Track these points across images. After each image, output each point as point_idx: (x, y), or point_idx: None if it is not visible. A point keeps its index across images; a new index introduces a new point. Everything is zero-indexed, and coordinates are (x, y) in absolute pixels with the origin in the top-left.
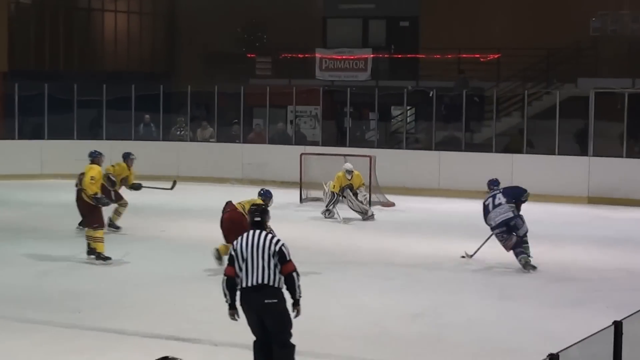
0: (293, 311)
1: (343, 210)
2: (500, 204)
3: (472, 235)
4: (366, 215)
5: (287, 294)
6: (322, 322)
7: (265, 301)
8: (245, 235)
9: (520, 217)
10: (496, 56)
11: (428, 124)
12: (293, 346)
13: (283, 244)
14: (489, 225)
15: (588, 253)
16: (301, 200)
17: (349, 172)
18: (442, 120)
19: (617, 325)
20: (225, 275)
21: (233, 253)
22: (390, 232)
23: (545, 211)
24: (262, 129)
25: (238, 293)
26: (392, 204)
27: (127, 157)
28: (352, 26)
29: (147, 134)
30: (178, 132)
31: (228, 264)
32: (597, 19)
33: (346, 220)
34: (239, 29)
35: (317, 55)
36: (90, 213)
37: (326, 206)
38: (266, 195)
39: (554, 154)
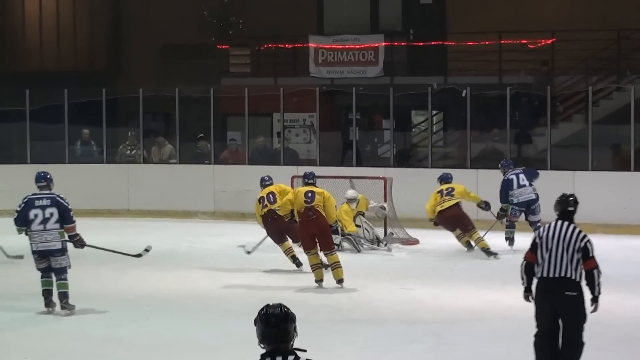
0: (591, 306)
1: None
2: (524, 185)
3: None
4: (378, 245)
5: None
6: None
7: (566, 293)
8: (552, 225)
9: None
10: (549, 41)
11: (460, 134)
12: (583, 343)
13: (588, 240)
14: (508, 201)
15: None
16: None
17: (351, 200)
18: (478, 129)
19: None
20: (525, 260)
21: (538, 241)
22: (413, 279)
23: (621, 246)
24: (239, 145)
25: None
26: (416, 241)
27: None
28: (357, 5)
29: (86, 154)
30: (127, 152)
31: (530, 250)
32: None
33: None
34: (206, 12)
35: (311, 45)
36: None
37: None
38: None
39: (629, 169)
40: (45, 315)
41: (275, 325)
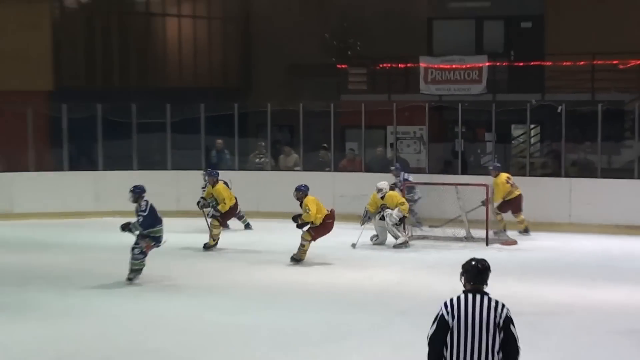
0: None
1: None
2: None
3: (610, 277)
4: (397, 242)
5: None
6: None
7: None
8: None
9: None
10: (638, 62)
11: (556, 146)
12: None
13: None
14: None
15: None
16: (406, 234)
17: (379, 190)
18: (572, 141)
19: None
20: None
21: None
22: (513, 276)
23: None
24: (356, 155)
25: None
26: (514, 242)
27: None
28: (463, 29)
29: (220, 161)
30: (257, 160)
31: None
32: None
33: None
34: (327, 34)
35: (422, 64)
36: None
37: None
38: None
39: None
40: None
41: (483, 269)
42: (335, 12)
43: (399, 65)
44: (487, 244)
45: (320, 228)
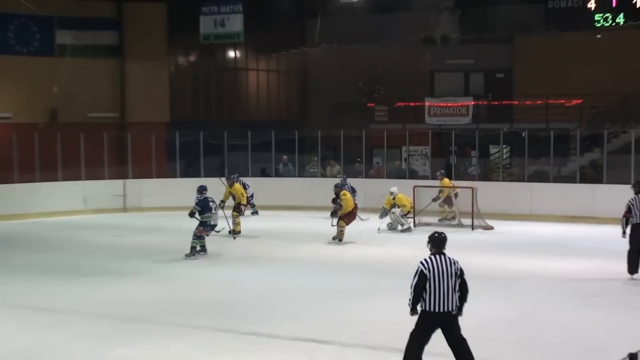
0: None
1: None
2: None
3: (561, 253)
4: (402, 228)
5: None
6: None
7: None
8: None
9: None
10: (579, 101)
11: (521, 160)
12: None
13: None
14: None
15: None
16: (415, 224)
17: (391, 193)
18: (532, 157)
19: None
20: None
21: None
22: (491, 252)
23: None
24: (380, 166)
25: None
26: (492, 228)
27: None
28: (455, 78)
29: (285, 172)
30: (311, 170)
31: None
32: None
33: (381, 230)
34: (360, 82)
35: (426, 103)
36: None
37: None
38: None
39: (629, 182)
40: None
41: (443, 238)
42: (365, 67)
43: (410, 103)
44: (472, 229)
45: (349, 216)
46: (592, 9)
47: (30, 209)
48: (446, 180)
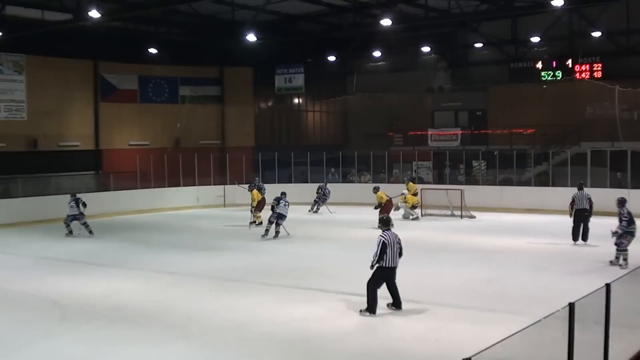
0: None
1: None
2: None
3: (521, 233)
4: (411, 218)
5: None
6: (434, 282)
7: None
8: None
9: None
10: (532, 130)
11: (494, 170)
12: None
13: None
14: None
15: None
16: (422, 215)
17: (402, 193)
18: (502, 168)
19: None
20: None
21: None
22: (474, 233)
23: (563, 219)
24: (398, 175)
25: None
26: (474, 217)
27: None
28: (448, 115)
29: (333, 180)
30: (351, 178)
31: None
32: (590, 107)
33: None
34: (384, 118)
35: (429, 132)
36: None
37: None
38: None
39: (567, 186)
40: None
41: (389, 220)
42: (387, 108)
43: (418, 132)
44: (461, 218)
45: (385, 207)
46: (540, 68)
47: (161, 205)
48: (411, 183)
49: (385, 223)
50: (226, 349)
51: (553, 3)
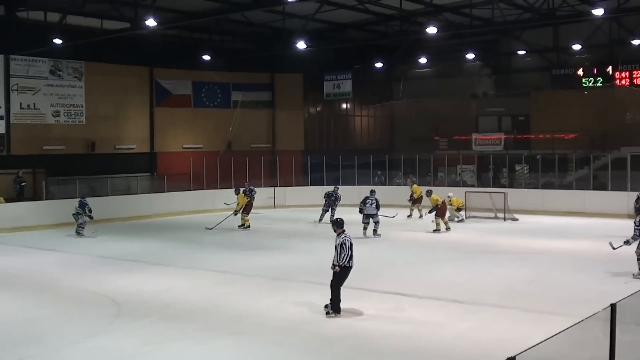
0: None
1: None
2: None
3: (562, 236)
4: (457, 220)
5: None
6: (477, 283)
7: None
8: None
9: None
10: (574, 135)
11: (536, 174)
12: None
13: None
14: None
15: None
16: (466, 217)
17: (448, 197)
18: (544, 172)
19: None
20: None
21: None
22: (516, 235)
23: (603, 222)
24: (443, 178)
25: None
26: (517, 219)
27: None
28: (492, 120)
29: (379, 182)
30: (397, 181)
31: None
32: (630, 113)
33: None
34: (429, 123)
35: (473, 136)
36: None
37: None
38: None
39: (608, 189)
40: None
41: (342, 222)
42: (432, 113)
43: (462, 137)
44: (504, 220)
45: (441, 210)
46: (581, 75)
47: (213, 207)
48: (415, 186)
49: (339, 225)
50: (274, 345)
51: (594, 12)
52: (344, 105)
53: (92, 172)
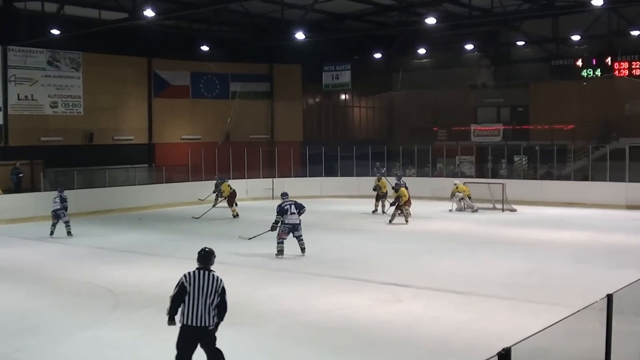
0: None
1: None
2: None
3: (561, 226)
4: (472, 210)
5: None
6: (476, 273)
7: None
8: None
9: None
10: (572, 126)
11: (534, 165)
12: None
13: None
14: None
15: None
16: (464, 208)
17: (455, 184)
18: (542, 163)
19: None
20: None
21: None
22: (515, 226)
23: (602, 213)
24: (442, 169)
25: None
26: (515, 210)
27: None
28: (491, 111)
29: (379, 173)
30: (396, 172)
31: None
32: (629, 104)
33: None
34: (428, 114)
35: (472, 127)
36: None
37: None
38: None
39: (606, 180)
40: None
41: (207, 255)
42: (431, 104)
43: (461, 128)
44: (502, 211)
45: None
46: (580, 65)
47: (211, 197)
48: (383, 179)
49: (201, 259)
50: (272, 336)
51: (593, 2)
52: (343, 96)
53: (90, 163)
